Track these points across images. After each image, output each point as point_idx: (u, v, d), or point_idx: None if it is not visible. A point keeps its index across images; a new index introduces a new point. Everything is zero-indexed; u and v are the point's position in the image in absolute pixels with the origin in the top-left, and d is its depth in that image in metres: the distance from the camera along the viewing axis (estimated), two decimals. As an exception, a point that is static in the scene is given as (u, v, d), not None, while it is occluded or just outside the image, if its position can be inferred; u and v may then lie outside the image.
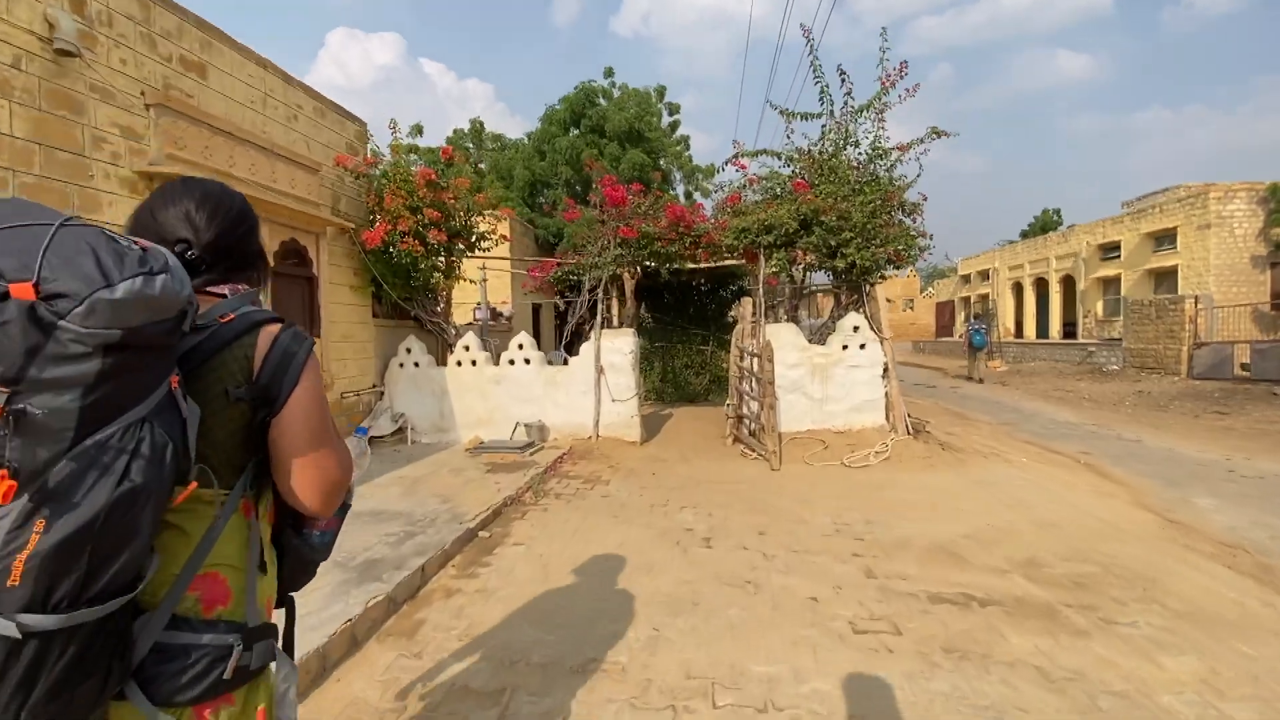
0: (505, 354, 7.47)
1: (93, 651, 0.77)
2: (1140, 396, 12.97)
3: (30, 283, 0.70)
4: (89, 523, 0.73)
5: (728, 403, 6.99)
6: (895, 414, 6.74)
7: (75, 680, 0.76)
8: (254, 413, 0.95)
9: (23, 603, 0.71)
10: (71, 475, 0.73)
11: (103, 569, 0.75)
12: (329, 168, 6.59)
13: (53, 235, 0.74)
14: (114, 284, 0.73)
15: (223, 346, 0.92)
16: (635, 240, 7.07)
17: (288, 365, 0.95)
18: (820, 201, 6.41)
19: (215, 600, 0.92)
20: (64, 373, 0.73)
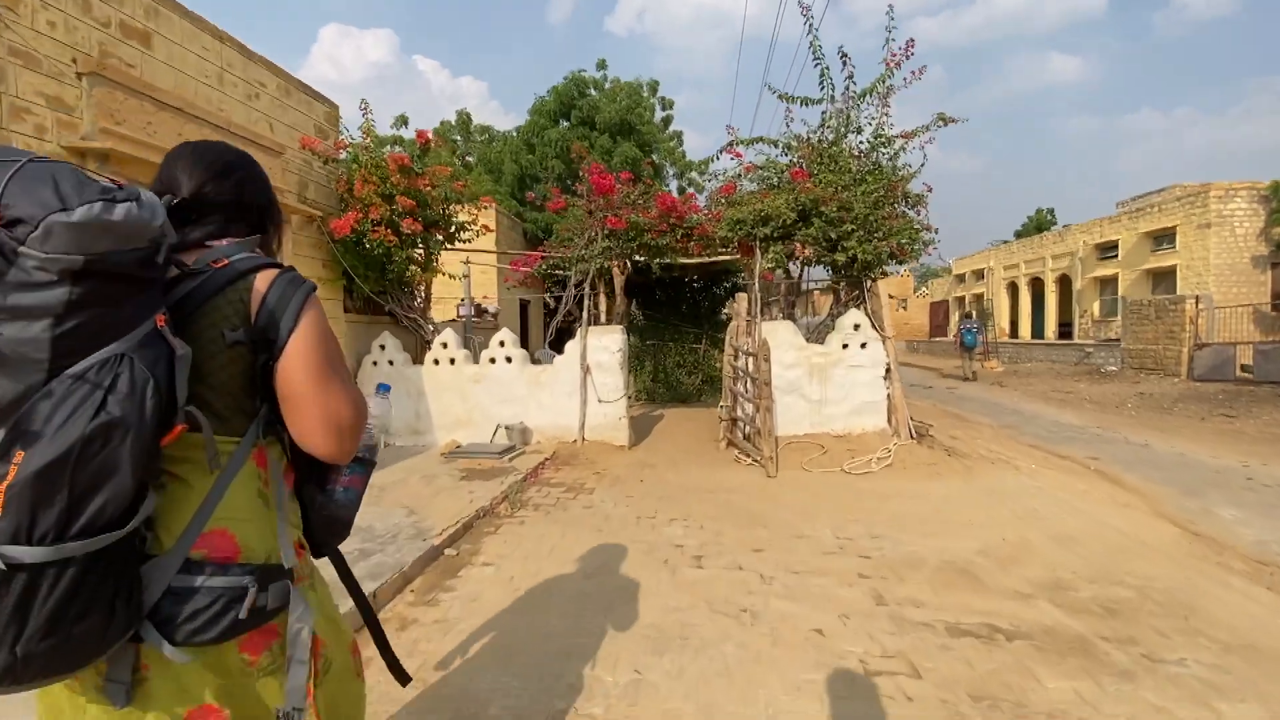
0: (486, 352, 7.04)
1: (86, 589, 0.77)
2: (1142, 398, 12.69)
3: None
4: (65, 454, 0.73)
5: (721, 404, 6.59)
6: (898, 417, 6.37)
7: (72, 617, 0.76)
8: (254, 356, 0.95)
9: (7, 534, 0.71)
10: (50, 406, 0.74)
11: (84, 502, 0.75)
12: (294, 151, 6.14)
13: (18, 168, 0.75)
14: (70, 208, 0.74)
15: (217, 291, 0.92)
16: (624, 232, 6.66)
17: (285, 306, 0.94)
18: (820, 191, 6.02)
19: (226, 556, 0.92)
20: (30, 300, 0.73)
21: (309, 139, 6.01)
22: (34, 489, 0.72)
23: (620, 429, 6.80)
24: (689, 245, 6.80)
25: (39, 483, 0.72)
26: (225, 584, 0.89)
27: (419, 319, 7.37)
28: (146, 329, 0.82)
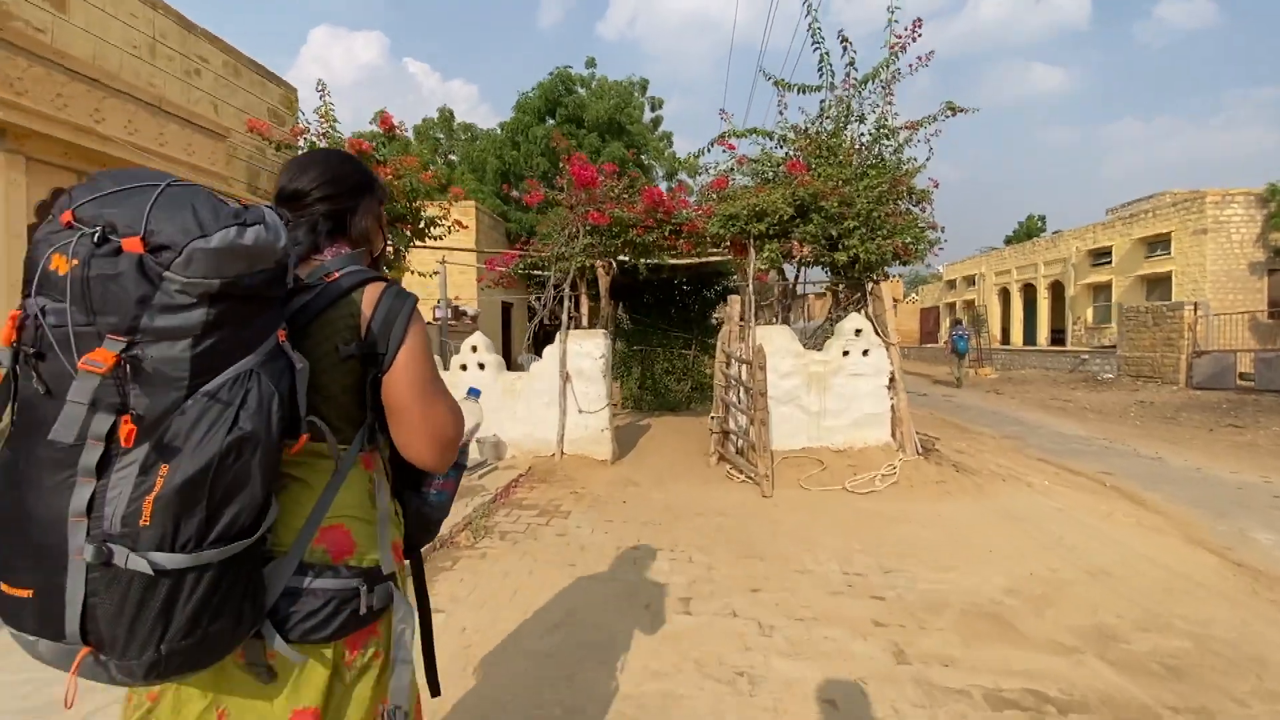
0: (456, 358, 6.48)
1: (221, 592, 0.81)
2: (1143, 407, 12.35)
3: (138, 237, 0.74)
4: (205, 467, 0.77)
5: (712, 415, 6.08)
6: (903, 430, 5.88)
7: (208, 618, 0.80)
8: (364, 369, 0.98)
9: (154, 542, 0.75)
10: (188, 423, 0.77)
11: (220, 512, 0.79)
12: (243, 136, 5.57)
13: (158, 194, 0.78)
14: (209, 234, 0.77)
15: (330, 304, 0.96)
16: (607, 228, 6.14)
17: (393, 322, 0.98)
18: (819, 185, 5.54)
19: (342, 551, 0.97)
20: (173, 322, 0.76)
21: (256, 122, 5.44)
22: (177, 501, 0.76)
23: (603, 442, 6.26)
24: (678, 244, 6.29)
25: (182, 495, 0.76)
26: (337, 585, 0.94)
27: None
28: (270, 344, 0.86)
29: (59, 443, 0.75)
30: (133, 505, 0.75)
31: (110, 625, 0.76)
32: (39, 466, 0.77)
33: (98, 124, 4.13)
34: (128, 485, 0.75)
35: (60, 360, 0.75)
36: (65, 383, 0.75)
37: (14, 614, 0.79)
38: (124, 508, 0.75)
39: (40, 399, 0.77)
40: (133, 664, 0.77)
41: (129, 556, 0.74)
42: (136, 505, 0.75)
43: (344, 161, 1.13)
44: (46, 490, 0.76)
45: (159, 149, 4.58)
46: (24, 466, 0.78)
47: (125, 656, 0.77)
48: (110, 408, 0.75)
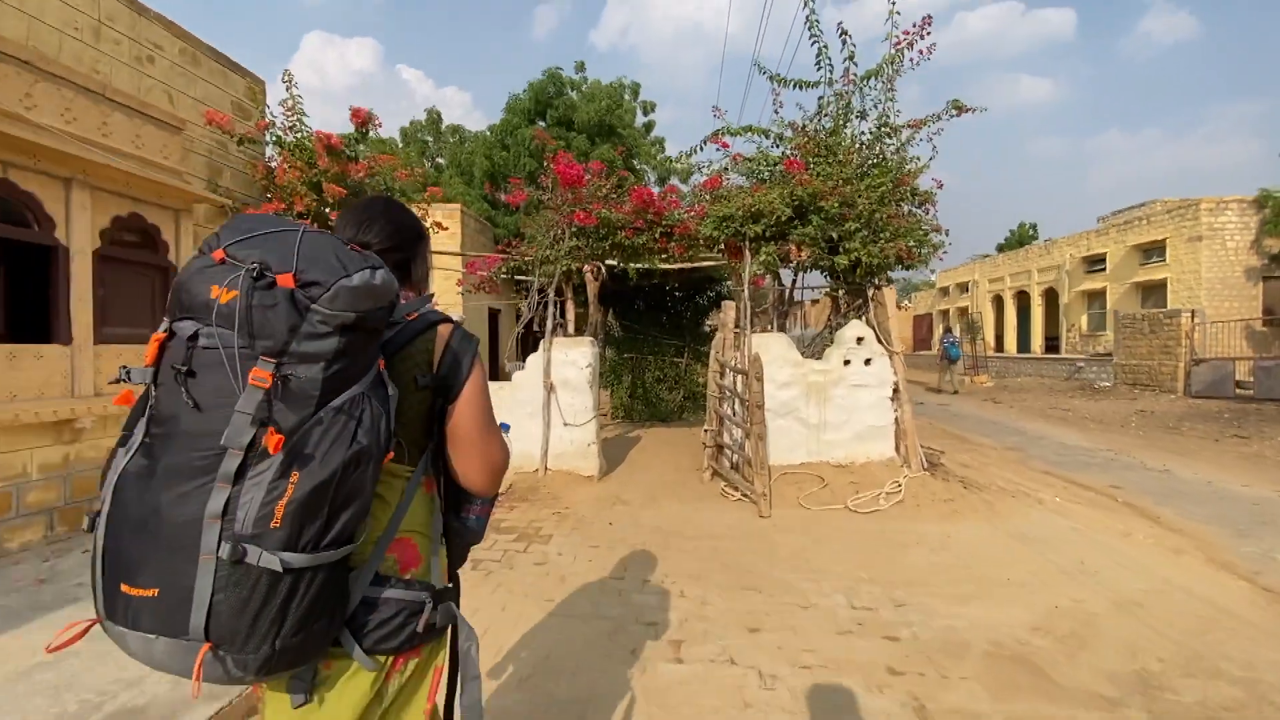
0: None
1: (325, 594, 0.88)
2: (1143, 416, 12.12)
3: (290, 274, 0.86)
4: (330, 476, 0.85)
5: (705, 428, 5.72)
6: (908, 445, 5.54)
7: (314, 617, 0.87)
8: (434, 399, 1.08)
9: (282, 542, 0.83)
10: (316, 436, 0.85)
11: (337, 518, 0.87)
12: (202, 129, 5.18)
13: (300, 239, 0.90)
14: (351, 274, 0.89)
15: (410, 340, 1.06)
16: (594, 229, 5.79)
17: (460, 360, 1.08)
18: (819, 184, 5.22)
19: (409, 563, 1.04)
20: (314, 348, 0.87)
21: (215, 114, 5.06)
22: (306, 506, 0.84)
23: (589, 456, 5.89)
24: (669, 246, 5.95)
25: (310, 500, 0.84)
26: (408, 597, 1.00)
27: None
28: (374, 372, 0.96)
29: (203, 447, 0.83)
30: (265, 509, 0.82)
31: (233, 621, 0.82)
32: (177, 474, 0.84)
33: (28, 110, 3.74)
34: (260, 491, 0.83)
35: (212, 378, 0.85)
36: (213, 397, 0.84)
37: (133, 614, 0.83)
38: (256, 511, 0.82)
39: (187, 412, 0.85)
40: (249, 658, 0.83)
41: (261, 555, 0.82)
42: (269, 509, 0.82)
43: (403, 213, 1.24)
44: (182, 496, 0.83)
45: (102, 139, 4.19)
46: (161, 474, 0.85)
47: (244, 651, 0.83)
48: (255, 421, 0.83)
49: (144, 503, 0.84)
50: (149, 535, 0.83)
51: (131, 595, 0.83)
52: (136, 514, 0.84)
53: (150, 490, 0.84)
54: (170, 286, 1.01)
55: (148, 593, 0.82)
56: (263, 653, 0.83)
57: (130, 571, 0.83)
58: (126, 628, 0.84)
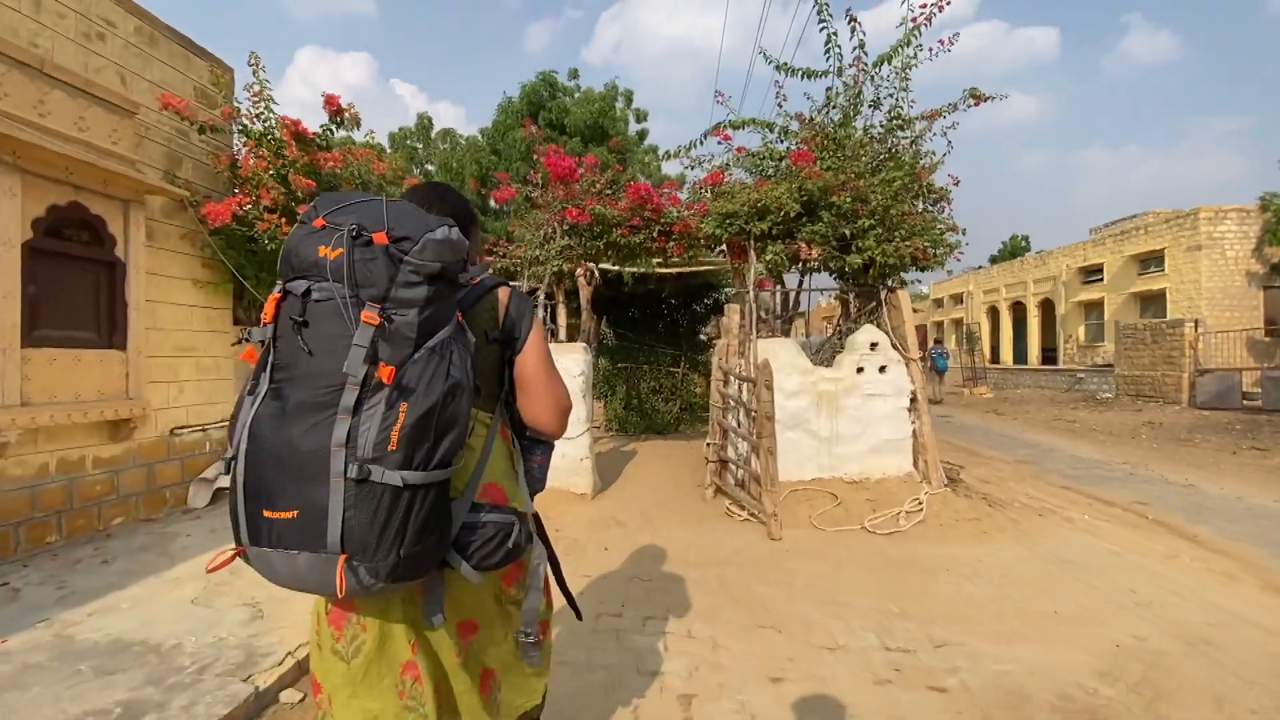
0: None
1: (435, 511, 1.02)
2: (1152, 428, 11.79)
3: (384, 232, 1.02)
4: (433, 405, 1.00)
5: (707, 442, 5.28)
6: (928, 459, 5.12)
7: (428, 531, 1.02)
8: (503, 351, 1.26)
9: (399, 463, 0.97)
10: (417, 372, 1.00)
11: (440, 441, 1.01)
12: (159, 114, 4.75)
13: (386, 204, 1.07)
14: (434, 230, 1.05)
15: (477, 300, 1.23)
16: (587, 227, 5.38)
17: (521, 314, 1.27)
18: (830, 178, 4.84)
19: (497, 501, 1.20)
20: (408, 294, 1.02)
21: (171, 98, 4.62)
22: (415, 431, 0.98)
23: (582, 472, 5.42)
24: (667, 246, 5.54)
25: (418, 426, 0.98)
26: (500, 519, 1.15)
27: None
28: (455, 321, 1.10)
29: (324, 385, 0.99)
30: (382, 434, 0.97)
31: (363, 534, 0.96)
32: (303, 410, 0.99)
33: (-54, 82, 3.29)
34: (376, 419, 0.97)
35: (326, 325, 1.01)
36: (327, 343, 1.00)
37: (276, 535, 0.99)
38: (375, 437, 0.97)
39: (303, 358, 1.01)
40: (379, 566, 0.97)
41: (384, 473, 0.96)
42: (385, 434, 0.97)
43: (459, 197, 1.42)
44: (311, 428, 0.98)
45: (38, 119, 3.74)
46: (291, 412, 0.99)
47: (374, 560, 0.97)
48: (369, 355, 0.98)
49: (278, 438, 0.98)
50: (285, 465, 0.97)
51: (274, 518, 0.98)
52: (273, 448, 0.98)
53: (282, 427, 0.98)
54: None
55: (288, 514, 0.97)
56: (390, 560, 0.97)
57: (271, 498, 0.98)
58: (271, 548, 0.99)
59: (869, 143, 5.22)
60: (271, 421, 0.99)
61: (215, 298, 5.39)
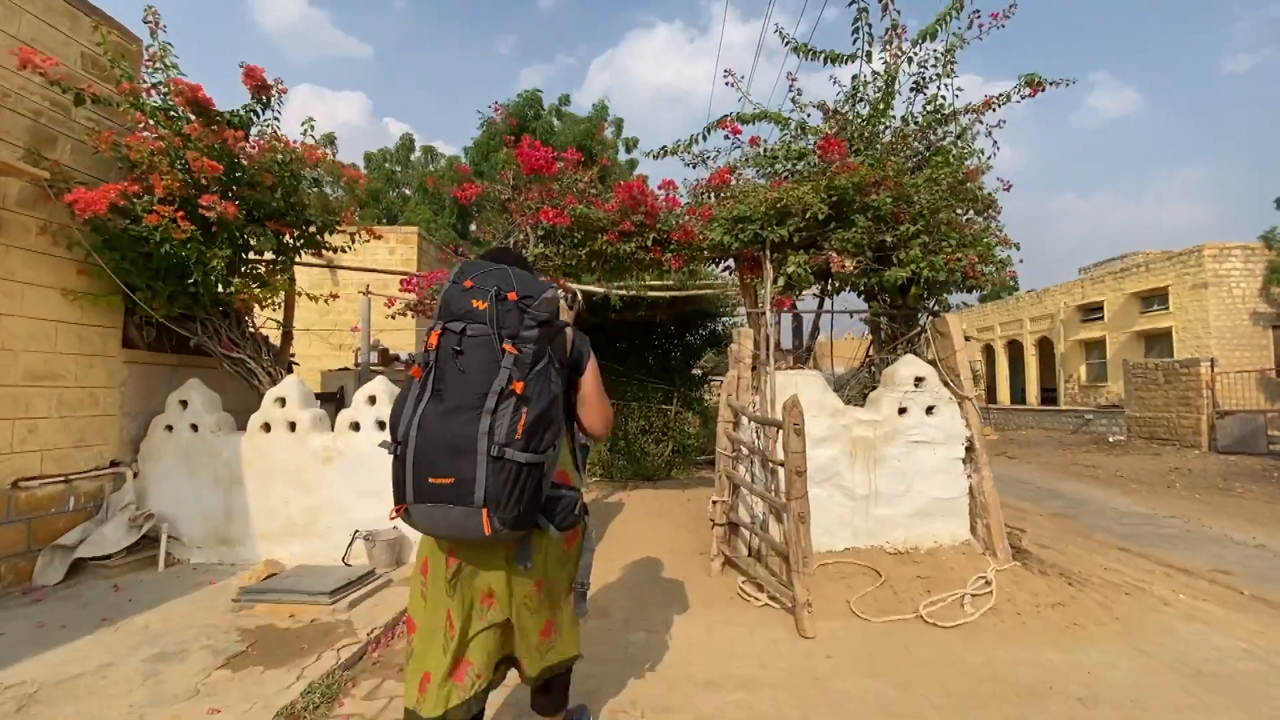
0: (345, 414, 4.51)
1: (538, 484, 1.53)
2: (1182, 475, 10.88)
3: (514, 292, 1.58)
4: (544, 409, 1.51)
5: (714, 499, 4.20)
6: (990, 524, 4.08)
7: (536, 496, 1.53)
8: (570, 375, 1.76)
9: (521, 447, 1.47)
10: (535, 386, 1.52)
11: (545, 434, 1.51)
12: (22, 79, 3.73)
13: (512, 273, 1.64)
14: (546, 291, 1.63)
15: (554, 336, 1.65)
16: (567, 232, 4.40)
17: (583, 351, 1.80)
18: (867, 172, 3.92)
19: (564, 482, 1.73)
20: (529, 334, 1.56)
21: (31, 53, 3.61)
22: (534, 425, 1.49)
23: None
24: (663, 258, 4.56)
25: (536, 422, 1.49)
26: (571, 494, 1.70)
27: (253, 360, 4.80)
28: (549, 354, 1.61)
29: (474, 393, 1.50)
30: (511, 427, 1.46)
31: (497, 494, 1.46)
32: (460, 409, 1.49)
33: None
34: (507, 417, 1.47)
35: (476, 353, 1.53)
36: (476, 364, 1.52)
37: (437, 493, 1.48)
38: (506, 429, 1.46)
39: (458, 375, 1.52)
40: (506, 517, 1.47)
41: (513, 454, 1.46)
42: (513, 427, 1.47)
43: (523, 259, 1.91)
44: (464, 421, 1.48)
45: None
46: (451, 410, 1.49)
47: (503, 512, 1.47)
48: (509, 375, 1.51)
49: (441, 427, 1.49)
50: (446, 446, 1.47)
51: (436, 484, 1.48)
52: (437, 434, 1.49)
53: (444, 420, 1.49)
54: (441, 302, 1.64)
55: (447, 480, 1.47)
56: (513, 514, 1.48)
57: (434, 468, 1.47)
58: (432, 503, 1.49)
59: (906, 137, 4.33)
60: (436, 416, 1.50)
61: (95, 313, 4.28)
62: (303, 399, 4.55)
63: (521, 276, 1.63)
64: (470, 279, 1.60)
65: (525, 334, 1.54)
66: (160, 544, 4.32)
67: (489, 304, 1.54)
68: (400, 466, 1.51)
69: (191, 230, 3.89)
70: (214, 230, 4.09)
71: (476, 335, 1.53)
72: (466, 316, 1.55)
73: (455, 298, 1.59)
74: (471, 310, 1.55)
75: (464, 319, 1.55)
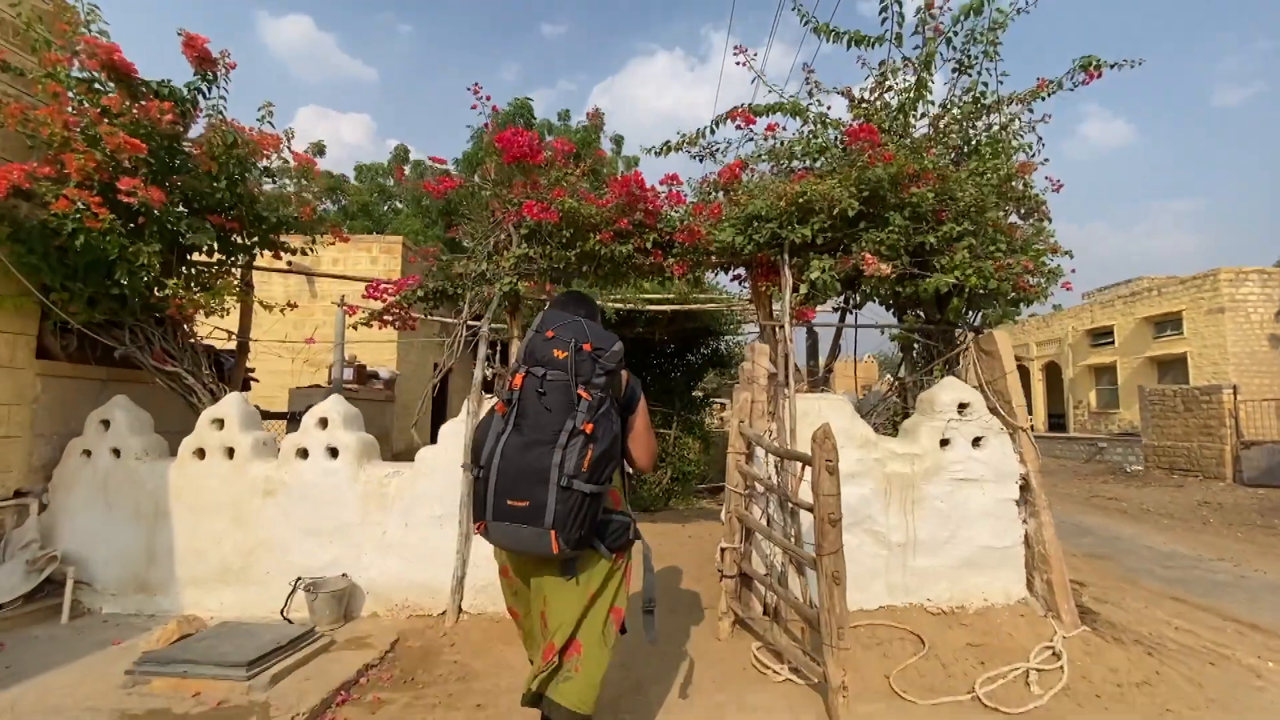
0: (290, 439, 3.87)
1: (596, 510, 1.75)
2: (1213, 509, 10.21)
3: (589, 344, 1.82)
4: (607, 447, 1.75)
5: (723, 546, 3.55)
6: (1052, 579, 3.43)
7: (593, 521, 1.75)
8: (623, 412, 1.94)
9: (586, 479, 1.69)
10: (600, 428, 1.73)
11: (607, 468, 1.74)
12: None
13: (586, 326, 1.88)
14: (614, 344, 1.87)
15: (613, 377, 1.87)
16: (554, 230, 3.81)
17: (636, 391, 2.00)
18: (905, 163, 3.35)
19: (616, 505, 1.95)
20: (599, 381, 1.79)
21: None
22: (598, 460, 1.71)
23: (534, 587, 3.63)
24: (665, 263, 3.97)
25: (600, 457, 1.72)
26: (621, 519, 1.91)
27: (192, 375, 4.16)
28: (610, 396, 1.83)
29: (549, 430, 1.73)
30: (579, 461, 1.69)
31: (564, 519, 1.67)
32: (536, 443, 1.72)
33: None
34: (575, 453, 1.69)
35: (555, 395, 1.76)
36: (554, 404, 1.76)
37: (514, 515, 1.69)
38: (574, 463, 1.68)
39: (541, 412, 1.75)
40: (569, 538, 1.68)
41: (579, 484, 1.68)
42: (580, 461, 1.69)
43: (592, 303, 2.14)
44: (539, 453, 1.70)
45: None
46: (529, 443, 1.72)
47: (567, 534, 1.67)
48: (581, 416, 1.74)
49: (520, 457, 1.70)
50: (522, 474, 1.69)
51: (513, 505, 1.69)
52: (515, 463, 1.71)
53: (522, 451, 1.71)
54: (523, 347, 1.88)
55: (522, 503, 1.68)
56: (575, 536, 1.69)
57: (512, 492, 1.69)
58: (508, 522, 1.70)
59: (944, 128, 3.78)
60: (517, 448, 1.72)
61: (1, 318, 3.66)
62: (244, 420, 3.91)
63: (595, 329, 1.89)
64: (551, 330, 1.85)
65: (595, 380, 1.78)
66: (66, 590, 3.64)
67: (568, 354, 1.79)
68: (483, 488, 1.74)
69: (110, 220, 3.29)
70: (141, 222, 3.49)
71: (555, 380, 1.77)
72: (548, 363, 1.79)
73: (538, 346, 1.83)
74: (552, 359, 1.79)
75: (545, 365, 1.79)
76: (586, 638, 1.82)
